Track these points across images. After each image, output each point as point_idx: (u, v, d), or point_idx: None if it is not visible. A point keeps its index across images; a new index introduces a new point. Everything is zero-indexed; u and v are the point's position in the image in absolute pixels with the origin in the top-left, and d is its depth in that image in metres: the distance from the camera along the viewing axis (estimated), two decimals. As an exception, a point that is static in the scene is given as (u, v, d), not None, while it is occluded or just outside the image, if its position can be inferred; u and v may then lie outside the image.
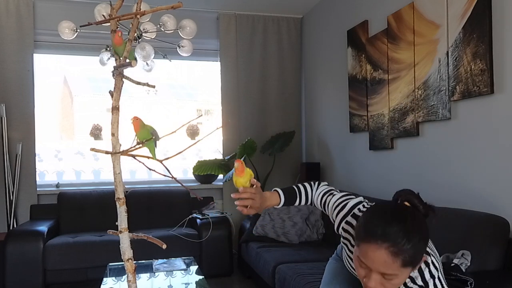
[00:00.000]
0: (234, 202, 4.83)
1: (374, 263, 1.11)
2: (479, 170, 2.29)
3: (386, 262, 1.09)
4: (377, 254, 1.09)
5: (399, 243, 1.08)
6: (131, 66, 1.11)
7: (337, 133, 3.93)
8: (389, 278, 1.12)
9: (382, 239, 1.09)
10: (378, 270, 1.11)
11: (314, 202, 1.57)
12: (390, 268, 1.09)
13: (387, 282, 1.13)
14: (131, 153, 1.19)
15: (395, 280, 1.12)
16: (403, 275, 1.13)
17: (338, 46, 3.88)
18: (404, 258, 1.08)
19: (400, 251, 1.08)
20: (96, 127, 12.83)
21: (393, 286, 1.14)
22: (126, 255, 1.17)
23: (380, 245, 1.08)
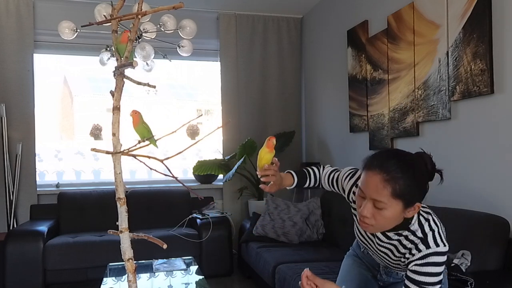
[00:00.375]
0: (234, 202, 4.81)
1: (368, 188, 1.25)
2: (479, 170, 2.29)
3: (377, 187, 1.22)
4: (371, 180, 1.24)
5: (391, 172, 1.22)
6: (132, 66, 1.11)
7: (337, 133, 3.93)
8: (379, 206, 1.24)
9: (379, 168, 1.23)
10: (370, 197, 1.25)
11: (322, 182, 1.66)
12: (381, 194, 1.22)
13: (377, 213, 1.25)
14: (131, 153, 1.19)
15: (385, 211, 1.24)
16: (392, 207, 1.23)
17: (338, 46, 3.88)
18: (394, 187, 1.21)
19: (392, 179, 1.21)
20: (96, 127, 12.82)
21: (383, 219, 1.26)
22: (127, 255, 1.17)
23: (376, 173, 1.23)
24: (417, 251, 1.29)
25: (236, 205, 4.46)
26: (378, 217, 1.26)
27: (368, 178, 1.26)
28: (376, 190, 1.23)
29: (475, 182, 2.32)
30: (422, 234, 1.30)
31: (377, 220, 1.27)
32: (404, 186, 1.22)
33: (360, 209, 1.28)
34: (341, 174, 1.58)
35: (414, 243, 1.31)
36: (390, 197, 1.22)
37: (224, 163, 4.31)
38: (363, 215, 1.28)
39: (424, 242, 1.29)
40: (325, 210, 3.56)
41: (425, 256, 1.27)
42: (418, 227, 1.31)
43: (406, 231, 1.33)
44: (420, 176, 1.26)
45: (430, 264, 1.27)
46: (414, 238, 1.31)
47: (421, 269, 1.28)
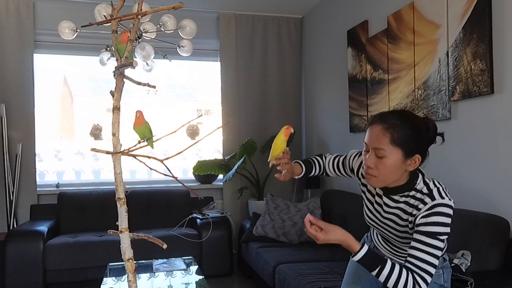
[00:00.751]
0: (234, 202, 4.81)
1: (370, 139, 1.37)
2: (479, 170, 2.29)
3: (378, 135, 1.34)
4: (373, 131, 1.36)
5: (390, 120, 1.34)
6: (132, 66, 1.11)
7: (337, 133, 3.93)
8: (380, 155, 1.34)
9: (380, 121, 1.36)
10: (372, 146, 1.36)
11: (326, 169, 1.77)
12: (381, 142, 1.33)
13: (379, 162, 1.35)
14: (131, 153, 1.19)
15: (386, 160, 1.34)
16: (392, 155, 1.33)
17: (338, 46, 3.88)
18: (392, 134, 1.32)
19: (391, 127, 1.33)
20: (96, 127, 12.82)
21: (384, 168, 1.35)
22: (127, 255, 1.17)
23: (378, 124, 1.36)
24: (423, 205, 1.35)
25: (236, 205, 4.46)
26: (380, 166, 1.35)
27: (370, 131, 1.38)
28: (376, 138, 1.34)
29: (475, 182, 2.32)
30: (428, 190, 1.37)
31: (380, 170, 1.36)
32: (403, 133, 1.32)
33: (366, 161, 1.38)
34: (348, 156, 1.68)
35: (421, 199, 1.37)
36: (390, 145, 1.32)
37: (224, 163, 4.31)
38: (367, 165, 1.38)
39: (429, 195, 1.35)
40: (325, 210, 3.56)
41: (432, 207, 1.33)
42: (424, 185, 1.39)
43: (413, 191, 1.40)
44: (420, 128, 1.35)
45: (437, 214, 1.32)
46: (420, 195, 1.38)
47: (427, 219, 1.32)
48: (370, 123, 1.40)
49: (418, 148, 1.35)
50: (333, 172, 1.76)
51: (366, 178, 1.42)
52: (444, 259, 1.63)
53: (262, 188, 4.34)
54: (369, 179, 1.41)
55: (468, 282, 1.71)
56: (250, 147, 4.13)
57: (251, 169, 4.30)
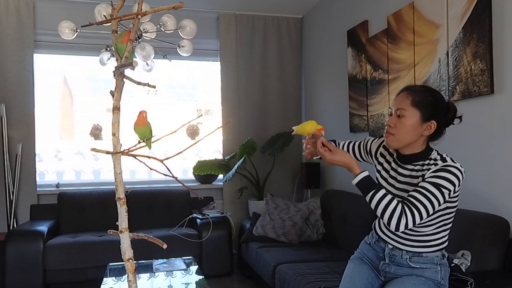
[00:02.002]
0: (234, 202, 4.80)
1: (395, 103, 1.57)
2: (479, 170, 2.29)
3: (401, 98, 1.55)
4: (399, 97, 1.57)
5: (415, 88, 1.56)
6: (132, 66, 1.11)
7: (337, 133, 3.93)
8: (400, 114, 1.53)
9: (407, 89, 1.57)
10: (395, 107, 1.55)
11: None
12: (403, 103, 1.53)
13: (399, 121, 1.53)
14: (131, 153, 1.19)
15: (404, 119, 1.52)
16: (410, 116, 1.51)
17: (338, 46, 3.88)
18: (413, 97, 1.52)
19: (413, 92, 1.53)
20: (96, 127, 12.83)
21: (402, 128, 1.53)
22: (127, 255, 1.17)
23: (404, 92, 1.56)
24: (435, 165, 1.50)
25: (236, 205, 4.46)
26: (399, 125, 1.53)
27: (398, 97, 1.57)
28: (400, 101, 1.54)
29: (475, 182, 2.32)
30: (441, 158, 1.54)
31: (398, 129, 1.53)
32: (423, 98, 1.51)
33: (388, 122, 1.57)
34: (365, 140, 1.83)
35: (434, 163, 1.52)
36: (410, 106, 1.51)
37: (224, 163, 4.31)
38: (388, 124, 1.56)
39: (442, 159, 1.52)
40: (325, 210, 3.56)
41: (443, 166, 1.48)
42: (438, 155, 1.56)
43: (428, 160, 1.55)
44: (440, 100, 1.54)
45: (445, 171, 1.47)
46: (433, 161, 1.53)
47: (436, 173, 1.47)
48: (399, 92, 1.60)
49: (435, 115, 1.52)
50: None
51: (385, 136, 1.59)
52: (443, 255, 1.64)
53: (262, 188, 4.34)
54: (388, 137, 1.58)
55: (468, 282, 1.71)
56: (250, 147, 4.13)
57: (251, 169, 4.30)
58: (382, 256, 1.71)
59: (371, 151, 1.78)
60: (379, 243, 1.73)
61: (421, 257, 1.61)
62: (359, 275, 1.74)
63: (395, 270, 1.66)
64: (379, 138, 1.78)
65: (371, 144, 1.79)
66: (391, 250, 1.67)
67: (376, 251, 1.75)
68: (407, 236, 1.62)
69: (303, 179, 4.21)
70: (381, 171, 1.72)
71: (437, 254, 1.61)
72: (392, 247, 1.67)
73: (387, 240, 1.69)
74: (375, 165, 1.77)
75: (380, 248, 1.72)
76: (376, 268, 1.73)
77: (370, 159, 1.80)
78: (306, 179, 4.16)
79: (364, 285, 1.71)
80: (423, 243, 1.61)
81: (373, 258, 1.76)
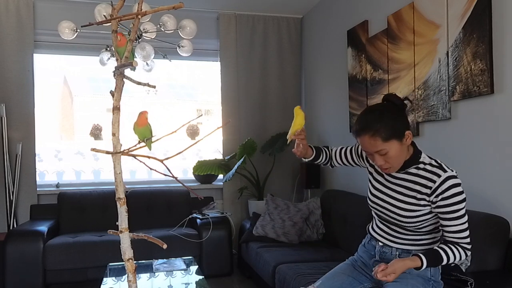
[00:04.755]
0: (234, 202, 4.81)
1: (366, 148, 1.56)
2: (479, 170, 2.29)
3: (370, 144, 1.53)
4: (363, 142, 1.55)
5: (373, 127, 1.51)
6: (132, 66, 1.11)
7: (337, 133, 3.93)
8: (382, 153, 1.54)
9: (363, 131, 1.54)
10: (372, 151, 1.55)
11: (333, 158, 1.94)
12: (377, 146, 1.52)
13: (385, 157, 1.55)
14: (131, 153, 1.19)
15: (389, 153, 1.53)
16: (391, 147, 1.52)
17: (338, 46, 3.88)
18: (381, 136, 1.51)
19: (375, 132, 1.51)
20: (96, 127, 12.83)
21: (392, 159, 1.55)
22: (127, 255, 1.17)
23: (363, 135, 1.54)
24: (437, 177, 1.53)
25: (236, 205, 4.46)
26: (388, 159, 1.55)
27: (361, 142, 1.57)
28: (371, 145, 1.53)
29: (475, 182, 2.32)
30: (437, 163, 1.58)
31: (389, 162, 1.55)
32: (387, 129, 1.51)
33: (375, 163, 1.59)
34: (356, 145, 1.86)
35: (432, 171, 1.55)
36: (384, 143, 1.51)
37: (224, 163, 4.31)
38: (379, 165, 1.59)
39: (441, 168, 1.55)
40: (325, 210, 3.56)
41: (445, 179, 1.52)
42: (430, 159, 1.60)
43: (421, 164, 1.59)
44: (393, 113, 1.54)
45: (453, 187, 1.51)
46: (430, 167, 1.57)
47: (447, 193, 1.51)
48: (355, 134, 1.58)
49: (403, 126, 1.54)
50: (339, 161, 1.92)
51: (384, 171, 1.63)
52: None
53: (262, 188, 4.34)
54: (387, 171, 1.61)
55: (468, 282, 1.72)
56: (250, 147, 4.13)
57: (251, 169, 4.30)
58: (373, 254, 1.77)
59: (362, 154, 1.83)
60: (371, 242, 1.81)
61: (410, 254, 1.65)
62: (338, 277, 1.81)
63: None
64: None
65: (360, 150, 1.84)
66: (382, 247, 1.74)
67: (369, 251, 1.81)
68: (398, 234, 1.69)
69: (303, 179, 4.21)
70: (373, 173, 1.76)
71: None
72: (383, 244, 1.73)
73: (378, 238, 1.76)
74: (367, 167, 1.81)
75: (372, 247, 1.79)
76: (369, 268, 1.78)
77: (362, 162, 1.84)
78: (306, 179, 4.16)
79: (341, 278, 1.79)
80: (413, 241, 1.67)
81: (366, 258, 1.82)
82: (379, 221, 1.77)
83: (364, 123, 1.54)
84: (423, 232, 1.64)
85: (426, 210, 1.57)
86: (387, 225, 1.72)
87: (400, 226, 1.66)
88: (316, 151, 1.92)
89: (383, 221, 1.74)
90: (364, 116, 1.57)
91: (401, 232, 1.68)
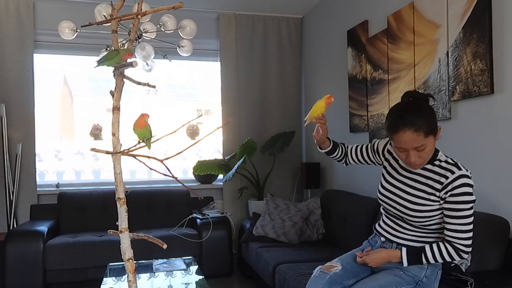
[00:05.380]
0: (234, 202, 4.80)
1: (407, 143, 1.54)
2: (479, 170, 2.29)
3: (413, 139, 1.53)
4: (405, 137, 1.53)
5: (416, 122, 1.52)
6: (132, 66, 1.11)
7: (337, 133, 3.93)
8: (421, 149, 1.55)
9: (404, 125, 1.52)
10: (411, 147, 1.55)
11: (349, 155, 1.97)
12: (418, 141, 1.53)
13: (421, 153, 1.56)
14: (131, 153, 1.19)
15: (426, 148, 1.55)
16: (430, 143, 1.55)
17: (338, 46, 3.88)
18: (424, 131, 1.52)
19: (419, 127, 1.51)
20: (96, 127, 12.83)
21: (426, 154, 1.57)
22: (127, 255, 1.17)
23: (405, 130, 1.52)
24: (451, 173, 1.57)
25: (236, 205, 4.46)
26: (423, 155, 1.57)
27: (401, 137, 1.54)
28: (414, 141, 1.53)
29: (475, 182, 2.32)
30: (453, 161, 1.62)
31: (423, 157, 1.58)
32: (428, 124, 1.53)
33: (407, 160, 1.59)
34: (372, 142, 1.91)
35: (448, 168, 1.59)
36: (425, 138, 1.53)
37: (224, 163, 4.31)
38: (412, 162, 1.58)
39: (456, 166, 1.59)
40: (325, 210, 3.56)
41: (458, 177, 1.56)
42: (447, 157, 1.64)
43: (437, 161, 1.63)
44: (430, 110, 1.59)
45: (464, 185, 1.56)
46: (445, 164, 1.61)
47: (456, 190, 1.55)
48: (394, 130, 1.56)
49: (436, 122, 1.58)
50: (355, 158, 1.96)
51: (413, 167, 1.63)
52: None
53: (262, 188, 4.34)
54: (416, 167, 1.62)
55: (468, 282, 1.72)
56: (250, 147, 4.13)
57: (251, 169, 4.30)
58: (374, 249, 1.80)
59: (378, 150, 1.87)
60: (375, 238, 1.84)
61: None
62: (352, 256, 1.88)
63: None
64: (385, 138, 1.88)
65: (378, 144, 1.88)
66: (383, 242, 1.77)
67: (371, 245, 1.85)
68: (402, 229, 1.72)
69: (303, 179, 4.21)
70: (387, 167, 1.80)
71: None
72: (385, 239, 1.76)
73: (382, 233, 1.79)
74: (382, 161, 1.85)
75: (374, 242, 1.83)
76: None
77: (378, 157, 1.88)
78: (306, 179, 4.16)
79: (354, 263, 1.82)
80: (416, 238, 1.69)
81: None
82: (386, 216, 1.80)
83: (406, 118, 1.53)
84: (428, 230, 1.65)
85: (435, 206, 1.60)
86: (394, 220, 1.75)
87: (406, 222, 1.69)
88: (333, 144, 1.96)
89: (390, 216, 1.77)
90: (403, 112, 1.56)
91: (406, 227, 1.70)
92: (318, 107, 1.85)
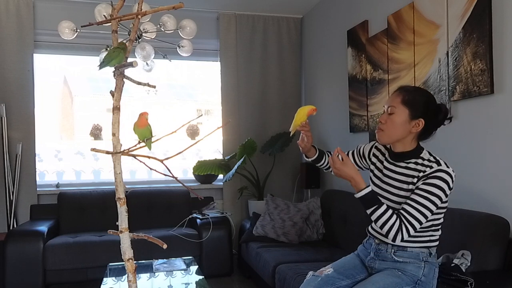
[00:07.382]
0: (234, 202, 4.81)
1: (388, 100, 1.66)
2: (479, 170, 2.29)
3: (393, 96, 1.65)
4: (392, 95, 1.67)
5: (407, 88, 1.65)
6: (132, 66, 1.11)
7: (337, 133, 3.93)
8: (390, 112, 1.62)
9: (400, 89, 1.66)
10: (387, 105, 1.65)
11: None
12: (394, 100, 1.63)
13: (389, 118, 1.63)
14: (131, 153, 1.19)
15: (394, 116, 1.62)
16: (399, 113, 1.61)
17: (338, 46, 3.88)
18: (404, 96, 1.61)
19: (405, 91, 1.62)
20: (96, 127, 12.83)
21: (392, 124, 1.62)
22: (127, 255, 1.17)
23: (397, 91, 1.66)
24: (429, 168, 1.57)
25: (236, 205, 4.46)
26: (389, 122, 1.62)
27: (391, 96, 1.67)
28: (392, 99, 1.64)
29: (475, 182, 2.32)
30: (435, 159, 1.62)
31: (388, 125, 1.63)
32: (413, 97, 1.60)
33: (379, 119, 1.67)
34: (357, 147, 1.93)
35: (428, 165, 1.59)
36: (400, 103, 1.60)
37: (224, 163, 4.31)
38: (379, 121, 1.67)
39: (437, 162, 1.59)
40: (325, 210, 3.56)
41: (435, 171, 1.55)
42: (430, 156, 1.64)
43: (420, 159, 1.63)
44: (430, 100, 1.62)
45: (436, 177, 1.54)
46: (427, 162, 1.61)
47: (427, 181, 1.55)
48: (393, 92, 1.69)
49: (424, 114, 1.59)
50: None
51: (377, 133, 1.68)
52: (431, 253, 1.66)
53: (262, 188, 4.34)
54: (378, 133, 1.67)
55: (468, 282, 1.72)
56: (250, 147, 4.13)
57: (251, 169, 4.30)
58: (369, 251, 1.80)
59: (364, 154, 1.89)
60: (369, 240, 1.83)
61: (406, 251, 1.67)
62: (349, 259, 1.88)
63: (379, 265, 1.74)
64: (370, 142, 1.90)
65: (363, 148, 1.91)
66: (378, 245, 1.76)
67: (366, 249, 1.84)
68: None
69: (303, 179, 4.21)
70: (374, 170, 1.81)
71: (423, 250, 1.66)
72: (379, 241, 1.75)
73: (375, 235, 1.78)
74: (369, 165, 1.87)
75: (369, 245, 1.82)
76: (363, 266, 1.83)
77: (365, 162, 1.90)
78: (306, 179, 4.16)
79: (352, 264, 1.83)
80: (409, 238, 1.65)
81: (362, 256, 1.85)
82: None
83: (408, 86, 1.67)
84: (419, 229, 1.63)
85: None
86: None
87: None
88: (319, 152, 1.95)
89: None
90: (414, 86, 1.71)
91: None
92: (300, 115, 1.86)
